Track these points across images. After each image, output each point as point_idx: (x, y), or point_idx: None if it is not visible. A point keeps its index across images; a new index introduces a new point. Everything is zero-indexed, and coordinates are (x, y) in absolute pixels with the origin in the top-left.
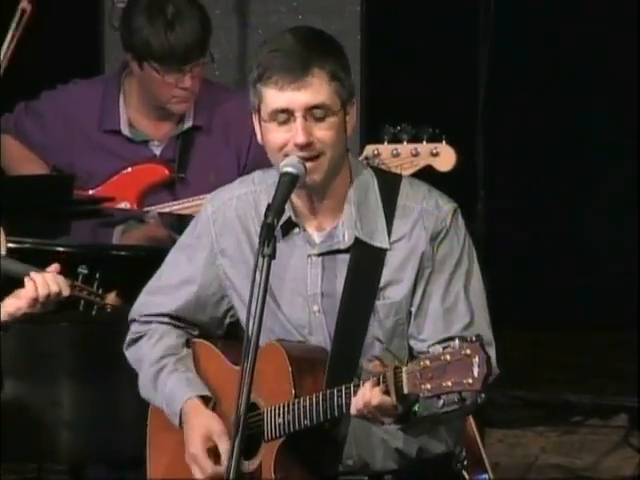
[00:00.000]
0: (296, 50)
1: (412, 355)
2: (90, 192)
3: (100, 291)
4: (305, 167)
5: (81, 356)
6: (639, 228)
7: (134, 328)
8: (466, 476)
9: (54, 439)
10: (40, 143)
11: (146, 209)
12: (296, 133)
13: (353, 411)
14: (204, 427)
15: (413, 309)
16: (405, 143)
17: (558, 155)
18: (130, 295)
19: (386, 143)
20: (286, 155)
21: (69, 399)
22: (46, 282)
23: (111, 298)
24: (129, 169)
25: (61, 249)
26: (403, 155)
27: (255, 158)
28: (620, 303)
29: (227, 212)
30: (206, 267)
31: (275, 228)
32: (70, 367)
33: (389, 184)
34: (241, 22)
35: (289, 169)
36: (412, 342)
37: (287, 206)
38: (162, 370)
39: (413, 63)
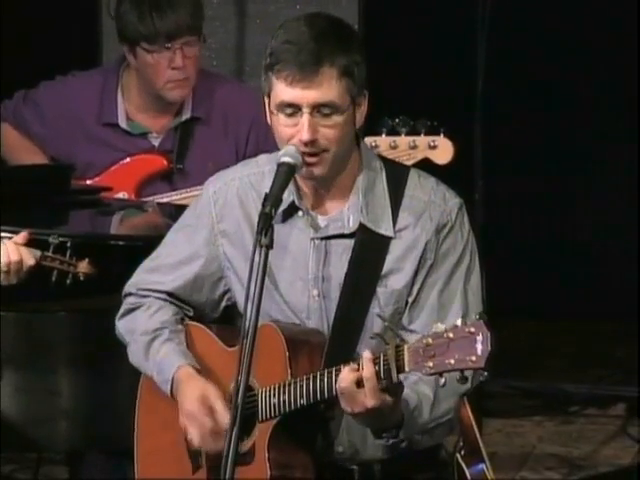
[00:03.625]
0: (309, 44)
1: None
2: (88, 182)
3: (74, 260)
4: (304, 159)
5: (79, 345)
6: (639, 216)
7: (130, 299)
8: (463, 465)
9: (52, 429)
10: (38, 133)
11: (144, 199)
12: (302, 129)
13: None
14: (200, 390)
15: (410, 299)
16: (403, 135)
17: (557, 145)
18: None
19: (384, 135)
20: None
21: (68, 388)
22: (6, 251)
23: (83, 266)
24: (127, 159)
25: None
26: (401, 147)
27: (254, 148)
28: (619, 292)
29: (228, 193)
30: (206, 247)
31: (273, 218)
32: (68, 356)
33: (397, 175)
34: (239, 11)
35: (287, 159)
36: (401, 332)
37: (292, 190)
38: (156, 339)
39: (411, 54)
